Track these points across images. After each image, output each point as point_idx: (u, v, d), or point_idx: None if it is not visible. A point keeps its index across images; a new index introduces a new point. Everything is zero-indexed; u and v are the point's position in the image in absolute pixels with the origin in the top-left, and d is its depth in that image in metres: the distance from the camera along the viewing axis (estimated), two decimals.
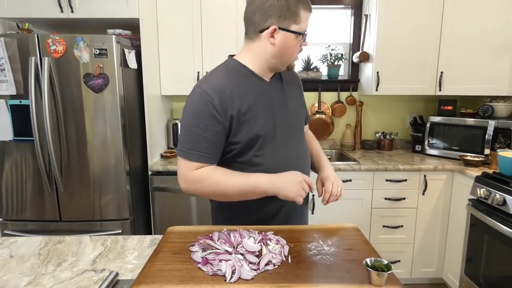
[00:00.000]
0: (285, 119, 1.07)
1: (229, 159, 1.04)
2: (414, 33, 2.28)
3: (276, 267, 0.79)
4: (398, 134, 2.74)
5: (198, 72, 2.37)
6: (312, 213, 2.23)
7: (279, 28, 0.97)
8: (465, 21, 2.21)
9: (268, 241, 0.86)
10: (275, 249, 0.83)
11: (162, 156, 2.41)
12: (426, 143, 2.47)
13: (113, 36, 1.80)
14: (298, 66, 2.71)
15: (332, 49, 2.66)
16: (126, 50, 1.91)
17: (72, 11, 1.95)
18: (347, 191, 2.22)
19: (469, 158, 2.12)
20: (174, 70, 2.38)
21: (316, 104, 2.73)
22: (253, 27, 1.00)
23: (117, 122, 1.87)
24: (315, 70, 2.68)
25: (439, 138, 2.40)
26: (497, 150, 1.83)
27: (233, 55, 1.07)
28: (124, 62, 1.90)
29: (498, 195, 1.65)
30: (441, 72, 2.33)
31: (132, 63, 1.98)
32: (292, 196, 0.97)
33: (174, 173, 2.21)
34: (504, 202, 1.62)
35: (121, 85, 1.87)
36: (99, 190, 1.93)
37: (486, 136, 2.15)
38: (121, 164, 1.91)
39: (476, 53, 2.21)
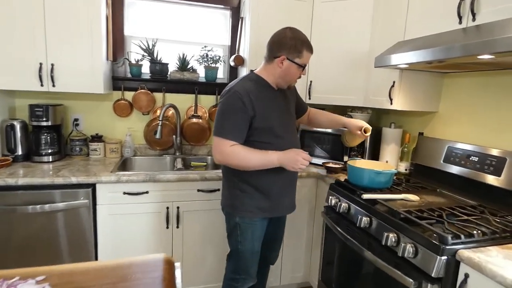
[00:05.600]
0: (285, 118, 1.57)
1: (250, 140, 1.46)
2: None
3: None
4: None
5: (41, 64, 1.96)
6: (177, 227, 2.04)
7: (287, 58, 1.45)
8: (330, 37, 2.30)
9: None
10: None
11: None
12: None
13: None
14: (172, 66, 2.50)
15: (208, 50, 2.52)
16: None
17: None
18: (218, 201, 2.09)
19: (330, 165, 2.20)
20: (8, 61, 1.92)
21: (193, 108, 2.56)
22: (271, 54, 1.47)
23: None
24: (191, 70, 2.50)
25: (309, 144, 2.45)
26: (349, 159, 1.91)
27: (253, 70, 1.56)
28: None
29: (344, 203, 1.70)
30: (311, 81, 2.39)
31: None
32: (290, 167, 1.43)
33: (8, 188, 1.79)
34: (349, 209, 1.68)
35: None
36: None
37: None
38: None
39: (339, 67, 2.31)
